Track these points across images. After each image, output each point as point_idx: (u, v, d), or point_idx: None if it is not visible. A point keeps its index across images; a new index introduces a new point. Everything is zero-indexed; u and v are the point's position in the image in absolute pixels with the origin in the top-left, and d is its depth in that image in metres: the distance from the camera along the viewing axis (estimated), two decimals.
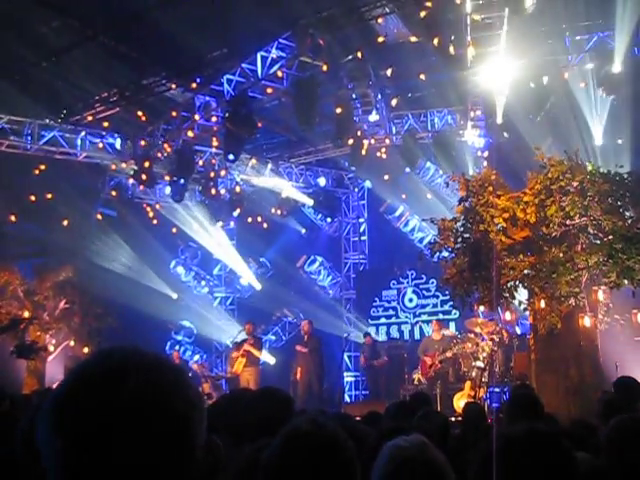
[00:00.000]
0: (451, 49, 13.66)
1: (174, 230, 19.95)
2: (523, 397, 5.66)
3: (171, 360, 1.30)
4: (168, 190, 18.34)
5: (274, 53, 15.95)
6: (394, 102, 16.99)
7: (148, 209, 19.24)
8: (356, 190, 22.33)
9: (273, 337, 21.72)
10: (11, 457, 2.85)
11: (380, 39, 14.73)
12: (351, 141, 17.38)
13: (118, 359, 1.20)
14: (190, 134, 17.43)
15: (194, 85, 16.60)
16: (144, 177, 17.25)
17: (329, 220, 21.21)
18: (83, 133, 17.54)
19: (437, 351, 14.72)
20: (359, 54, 15.36)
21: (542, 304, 11.02)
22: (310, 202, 20.36)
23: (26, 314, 16.05)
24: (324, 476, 2.11)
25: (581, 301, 10.91)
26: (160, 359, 1.25)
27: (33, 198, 16.97)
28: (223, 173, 19.07)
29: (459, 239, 11.59)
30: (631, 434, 3.26)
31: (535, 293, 11.13)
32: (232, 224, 20.68)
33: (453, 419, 11.04)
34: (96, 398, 1.14)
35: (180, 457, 1.18)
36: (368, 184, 21.42)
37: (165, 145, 17.59)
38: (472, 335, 14.68)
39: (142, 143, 17.63)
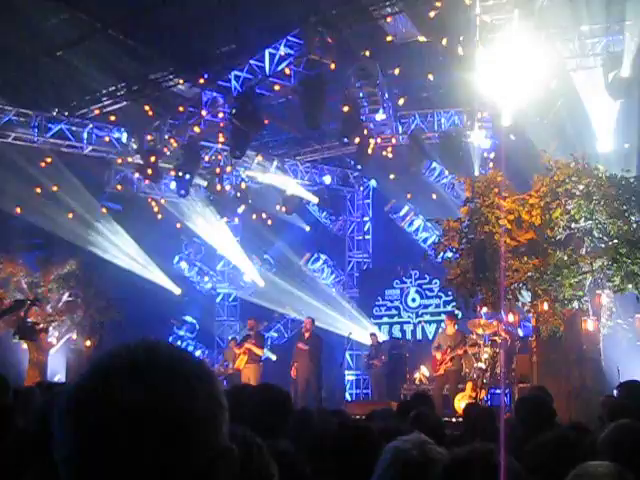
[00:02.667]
0: (459, 50, 13.64)
1: (178, 225, 19.97)
2: (534, 401, 5.65)
3: (199, 358, 1.27)
4: (173, 185, 18.36)
5: (282, 50, 15.94)
6: (401, 101, 16.97)
7: (153, 204, 19.25)
8: (361, 189, 22.32)
9: (275, 334, 21.74)
10: (10, 450, 2.85)
11: (388, 38, 14.71)
12: (357, 140, 17.36)
13: (143, 353, 1.17)
14: (196, 129, 17.45)
15: (201, 80, 16.60)
16: (150, 172, 17.27)
17: (334, 218, 21.21)
18: (90, 126, 17.57)
19: (449, 347, 14.44)
20: (367, 53, 15.35)
21: (545, 307, 11.01)
22: (315, 200, 20.36)
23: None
24: None
25: (584, 304, 10.90)
26: (185, 354, 1.22)
27: (39, 190, 17.01)
28: (229, 169, 19.08)
29: (463, 240, 11.59)
30: (630, 438, 3.25)
31: (538, 295, 11.12)
32: (237, 220, 20.68)
33: (454, 420, 11.04)
34: (119, 393, 1.11)
35: (201, 458, 1.16)
36: (373, 183, 21.41)
37: (171, 140, 17.60)
38: (474, 336, 14.64)
39: (148, 138, 17.64)
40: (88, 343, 16.42)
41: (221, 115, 17.27)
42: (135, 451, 1.09)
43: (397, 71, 15.70)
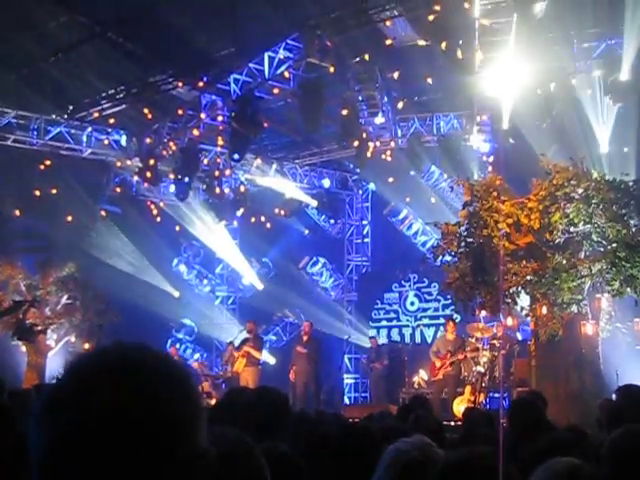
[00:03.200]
0: (459, 53, 13.64)
1: (177, 228, 19.96)
2: (524, 404, 5.65)
3: (174, 358, 1.27)
4: (172, 188, 18.35)
5: (282, 54, 15.95)
6: (400, 105, 16.97)
7: (152, 207, 19.24)
8: (360, 192, 22.33)
9: (274, 337, 21.71)
10: (8, 451, 2.85)
11: (388, 42, 14.72)
12: (356, 143, 17.37)
13: (118, 355, 1.17)
14: (196, 133, 17.45)
15: (201, 84, 16.60)
16: (149, 175, 17.27)
17: (332, 222, 21.20)
18: (89, 129, 17.59)
19: (450, 352, 14.45)
20: (366, 56, 15.35)
21: (544, 310, 11.01)
22: (314, 203, 20.37)
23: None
24: None
25: (583, 308, 10.90)
26: (162, 357, 1.21)
27: (38, 193, 17.01)
28: (228, 172, 19.08)
29: (462, 243, 11.58)
30: (634, 444, 3.24)
31: (537, 299, 11.12)
32: (235, 223, 20.66)
33: (453, 424, 11.03)
34: (92, 395, 1.10)
35: (177, 461, 1.15)
36: (372, 186, 21.41)
37: (170, 143, 17.61)
38: (473, 340, 14.64)
39: (147, 140, 17.64)
40: (87, 346, 16.39)
41: (220, 118, 17.29)
42: (108, 453, 1.09)
43: (396, 75, 15.71)
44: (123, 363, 1.16)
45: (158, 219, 19.15)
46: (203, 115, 17.21)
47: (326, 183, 20.80)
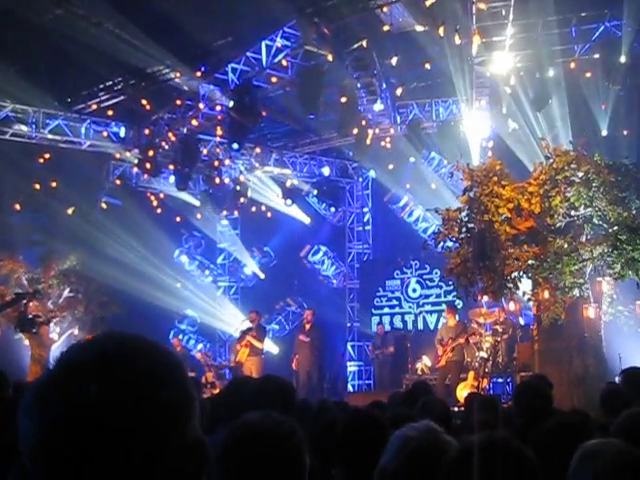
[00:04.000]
0: (456, 38, 13.60)
1: (178, 219, 19.95)
2: (529, 388, 5.65)
3: (168, 348, 1.25)
4: (172, 179, 18.34)
5: (279, 42, 15.89)
6: (399, 91, 16.92)
7: (152, 198, 19.23)
8: (360, 180, 22.29)
9: (276, 326, 21.73)
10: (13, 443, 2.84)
11: (385, 28, 14.66)
12: (356, 131, 17.33)
13: (108, 345, 1.17)
14: (194, 123, 17.42)
15: (199, 74, 16.55)
16: (148, 166, 17.25)
17: (333, 210, 21.17)
18: (88, 122, 17.53)
19: (451, 339, 14.45)
20: (364, 43, 15.30)
21: (546, 295, 11.01)
22: (314, 191, 20.35)
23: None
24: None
25: (585, 292, 10.90)
26: (153, 346, 1.20)
27: (38, 187, 16.99)
28: (227, 162, 19.06)
29: (463, 229, 11.57)
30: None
31: (539, 284, 11.12)
32: (236, 213, 20.63)
33: (456, 409, 11.05)
34: (81, 386, 1.10)
35: (168, 449, 1.14)
36: (372, 174, 21.37)
37: (169, 134, 17.58)
38: (476, 325, 14.65)
39: (146, 132, 17.61)
40: (90, 337, 16.42)
41: (219, 108, 17.24)
42: (98, 444, 1.09)
43: (394, 61, 15.66)
44: (113, 353, 1.15)
45: (158, 210, 19.14)
46: (202, 105, 17.17)
47: (326, 171, 20.77)
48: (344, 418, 3.65)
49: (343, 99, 16.35)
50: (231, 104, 16.13)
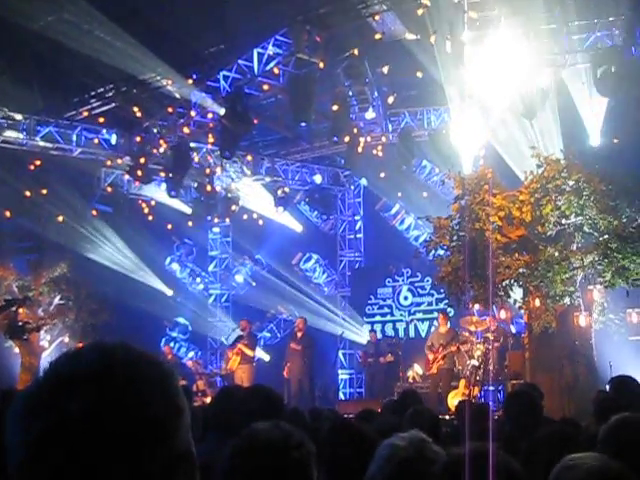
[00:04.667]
0: (448, 47, 13.64)
1: (169, 226, 19.90)
2: (520, 397, 5.65)
3: (158, 358, 1.23)
4: (164, 186, 18.30)
5: (271, 50, 15.92)
6: (390, 100, 16.95)
7: (143, 205, 19.18)
8: (352, 188, 22.30)
9: (268, 334, 21.70)
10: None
11: (377, 36, 14.71)
12: (347, 139, 17.35)
13: (96, 356, 1.15)
14: (186, 130, 17.40)
15: (190, 81, 16.55)
16: (139, 173, 17.22)
17: (325, 217, 21.18)
18: (79, 129, 17.49)
19: (442, 345, 14.41)
20: (356, 51, 15.34)
21: (537, 303, 11.04)
22: (306, 199, 20.35)
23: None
24: None
25: (576, 300, 10.93)
26: (143, 356, 1.18)
27: (28, 194, 16.94)
28: (219, 170, 19.03)
29: (454, 237, 11.60)
30: (631, 432, 3.24)
31: (530, 292, 11.15)
32: (227, 221, 20.62)
33: (447, 417, 11.05)
34: (67, 399, 1.09)
35: (156, 463, 1.13)
36: (364, 182, 21.38)
37: (161, 141, 17.55)
38: (467, 333, 14.66)
39: (138, 139, 17.58)
40: (80, 346, 16.35)
41: (210, 116, 17.22)
42: (86, 457, 1.08)
43: (386, 69, 15.70)
44: (101, 364, 1.14)
45: (150, 218, 19.09)
46: (193, 113, 17.17)
47: (318, 179, 20.78)
48: (329, 427, 3.64)
49: (335, 107, 16.37)
50: (223, 112, 16.14)
